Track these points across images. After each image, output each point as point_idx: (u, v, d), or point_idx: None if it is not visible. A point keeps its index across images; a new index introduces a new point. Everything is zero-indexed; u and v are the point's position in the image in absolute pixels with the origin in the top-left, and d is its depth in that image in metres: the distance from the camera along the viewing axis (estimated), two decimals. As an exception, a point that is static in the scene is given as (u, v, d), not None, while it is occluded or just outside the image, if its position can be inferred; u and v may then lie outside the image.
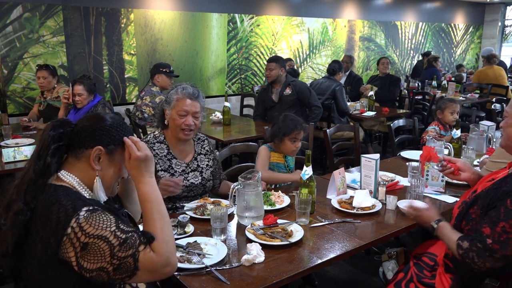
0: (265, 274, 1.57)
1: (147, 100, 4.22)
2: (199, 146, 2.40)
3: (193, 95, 2.22)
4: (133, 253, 1.16)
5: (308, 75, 7.45)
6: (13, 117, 4.69)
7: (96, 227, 1.15)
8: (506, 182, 1.55)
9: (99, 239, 1.14)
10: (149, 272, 1.18)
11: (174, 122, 2.20)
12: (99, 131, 1.31)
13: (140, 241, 1.18)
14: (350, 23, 7.91)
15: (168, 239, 1.23)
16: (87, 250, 1.14)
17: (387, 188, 2.35)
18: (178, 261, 1.62)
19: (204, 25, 6.05)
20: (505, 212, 1.47)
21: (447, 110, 3.47)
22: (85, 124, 1.33)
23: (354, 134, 3.71)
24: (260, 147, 2.67)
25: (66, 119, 1.36)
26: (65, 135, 1.30)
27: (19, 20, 4.65)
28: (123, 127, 1.37)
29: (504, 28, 10.53)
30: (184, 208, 2.16)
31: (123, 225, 1.20)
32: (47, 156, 1.25)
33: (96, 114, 1.40)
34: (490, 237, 1.48)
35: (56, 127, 1.30)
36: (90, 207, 1.19)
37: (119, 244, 1.15)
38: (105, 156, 1.32)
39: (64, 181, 1.29)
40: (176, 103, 2.20)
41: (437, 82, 7.11)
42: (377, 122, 5.49)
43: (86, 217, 1.16)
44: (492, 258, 1.47)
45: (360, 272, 2.99)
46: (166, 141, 2.28)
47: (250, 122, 4.64)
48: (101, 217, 1.18)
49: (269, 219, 1.91)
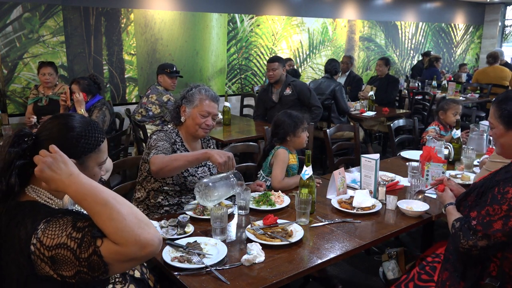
0: (265, 274, 1.57)
1: (154, 98, 4.25)
2: (206, 145, 2.51)
3: (215, 98, 2.36)
4: (94, 250, 1.06)
5: (308, 75, 7.45)
6: (13, 117, 4.69)
7: (53, 237, 1.07)
8: (499, 173, 1.66)
9: (59, 248, 1.06)
10: (124, 262, 1.08)
11: (194, 121, 2.29)
12: (67, 144, 1.20)
13: (95, 235, 1.06)
14: (350, 23, 7.91)
15: (122, 224, 1.06)
16: (57, 262, 1.07)
17: (387, 188, 2.35)
18: (178, 261, 1.63)
19: (204, 25, 6.05)
20: (491, 198, 1.59)
21: (450, 111, 3.46)
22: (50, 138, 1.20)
23: (354, 134, 3.71)
24: (278, 150, 2.55)
25: (26, 131, 1.21)
26: (29, 150, 1.19)
27: (19, 20, 4.65)
28: (94, 130, 1.26)
29: (504, 28, 10.52)
30: (184, 208, 2.17)
31: (81, 222, 1.09)
32: (11, 176, 1.14)
33: (60, 122, 1.25)
34: (475, 219, 1.60)
35: (16, 142, 1.18)
36: (48, 217, 1.11)
37: (78, 246, 1.06)
38: (78, 167, 1.18)
39: (31, 197, 1.20)
40: (199, 103, 2.30)
41: (437, 82, 7.11)
42: (377, 122, 5.49)
43: (43, 230, 1.09)
44: (474, 237, 1.58)
45: (360, 272, 2.99)
46: (180, 136, 2.37)
47: (250, 122, 4.64)
48: (56, 224, 1.09)
49: (269, 219, 1.91)
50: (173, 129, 2.36)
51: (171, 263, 1.62)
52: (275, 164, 2.52)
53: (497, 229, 1.53)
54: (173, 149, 2.27)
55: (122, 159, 2.75)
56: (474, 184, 1.78)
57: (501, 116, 1.67)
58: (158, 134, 2.28)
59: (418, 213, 2.08)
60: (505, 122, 1.66)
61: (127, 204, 1.12)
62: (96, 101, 3.80)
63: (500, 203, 1.54)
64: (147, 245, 1.06)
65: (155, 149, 2.16)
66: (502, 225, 1.53)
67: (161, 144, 2.19)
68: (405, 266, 2.10)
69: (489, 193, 1.61)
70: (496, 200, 1.56)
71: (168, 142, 2.25)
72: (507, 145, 1.70)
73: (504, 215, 1.53)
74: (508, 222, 1.52)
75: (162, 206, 2.30)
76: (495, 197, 1.56)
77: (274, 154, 2.57)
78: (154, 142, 2.22)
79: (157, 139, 2.24)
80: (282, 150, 2.55)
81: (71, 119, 1.26)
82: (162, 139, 2.24)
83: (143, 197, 2.34)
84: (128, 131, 3.58)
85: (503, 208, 1.53)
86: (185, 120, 2.33)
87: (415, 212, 2.08)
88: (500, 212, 1.54)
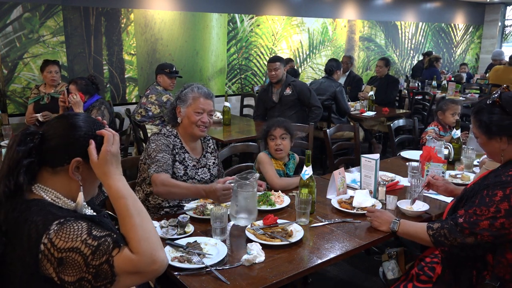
0: (265, 274, 1.57)
1: (153, 98, 4.25)
2: (206, 144, 2.49)
3: (208, 94, 2.34)
4: (107, 259, 1.09)
5: (308, 75, 7.45)
6: (13, 117, 4.69)
7: (67, 240, 1.09)
8: (488, 177, 1.68)
9: (71, 252, 1.08)
10: (133, 274, 1.11)
11: (189, 119, 2.29)
12: (74, 144, 1.21)
13: (114, 245, 1.10)
14: (350, 23, 7.91)
15: (148, 235, 1.14)
16: (63, 265, 1.08)
17: (387, 188, 2.35)
18: (178, 261, 1.63)
19: (204, 25, 6.05)
20: (480, 199, 1.61)
21: (449, 112, 3.46)
22: (57, 137, 1.21)
23: (354, 134, 3.71)
24: (260, 154, 2.60)
25: (32, 130, 1.22)
26: (35, 149, 1.19)
27: (19, 20, 4.65)
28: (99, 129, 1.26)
29: (504, 28, 10.52)
30: (184, 208, 2.17)
31: (96, 230, 1.12)
32: (19, 175, 1.15)
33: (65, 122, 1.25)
34: (462, 217, 1.63)
35: (23, 141, 1.18)
36: (61, 219, 1.12)
37: (92, 252, 1.09)
38: (84, 165, 1.22)
39: (38, 195, 1.20)
40: (192, 101, 2.30)
41: (437, 82, 7.11)
42: (377, 122, 5.49)
43: (56, 231, 1.09)
44: (462, 234, 1.61)
45: (360, 272, 2.99)
46: (179, 136, 2.36)
47: (250, 122, 4.64)
48: (71, 228, 1.11)
49: (269, 219, 1.91)
50: (172, 131, 2.35)
51: (171, 263, 1.61)
52: (262, 168, 2.53)
53: (483, 228, 1.56)
54: (173, 154, 2.26)
55: (122, 159, 2.75)
56: (464, 190, 1.80)
57: (480, 126, 1.69)
58: (157, 141, 2.25)
59: (418, 213, 2.08)
60: (485, 132, 1.69)
61: (152, 222, 1.21)
62: (94, 101, 3.80)
63: (488, 205, 1.57)
64: (158, 262, 1.12)
65: (156, 164, 2.15)
66: (489, 225, 1.55)
67: (161, 157, 2.18)
68: (405, 266, 2.10)
69: (478, 195, 1.64)
70: (484, 202, 1.58)
71: (168, 151, 2.23)
72: (492, 152, 1.72)
73: (491, 216, 1.55)
74: (494, 222, 1.55)
75: (162, 207, 2.30)
76: (483, 199, 1.59)
77: (257, 160, 2.60)
78: (154, 152, 2.20)
79: (156, 149, 2.21)
80: (263, 154, 2.59)
81: (76, 118, 1.26)
82: (162, 149, 2.21)
83: (142, 198, 2.33)
84: (128, 131, 3.57)
85: (490, 210, 1.56)
86: (182, 120, 2.33)
87: (415, 212, 2.08)
88: (487, 214, 1.56)
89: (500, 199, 1.55)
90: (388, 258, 2.13)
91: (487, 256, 1.63)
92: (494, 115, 1.64)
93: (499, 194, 1.56)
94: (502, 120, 1.63)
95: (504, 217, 1.53)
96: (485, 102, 1.69)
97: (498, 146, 1.66)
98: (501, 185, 1.57)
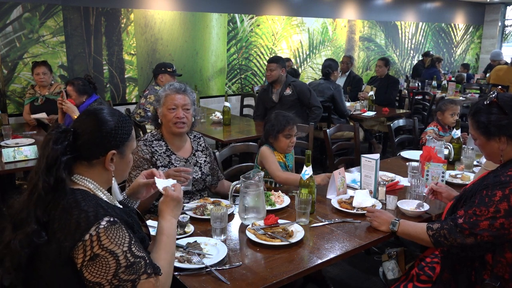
0: (265, 274, 1.57)
1: (152, 98, 4.25)
2: (196, 143, 2.47)
3: (180, 89, 2.31)
4: (134, 279, 1.17)
5: (308, 75, 7.46)
6: (13, 117, 4.69)
7: (112, 241, 1.16)
8: (488, 177, 1.69)
9: (110, 254, 1.15)
10: None
11: (166, 118, 2.27)
12: (107, 138, 1.30)
13: (144, 270, 1.20)
14: (350, 23, 7.91)
15: (171, 272, 1.34)
16: (94, 262, 1.14)
17: (387, 188, 2.35)
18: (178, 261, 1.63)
19: (204, 25, 6.05)
20: (479, 199, 1.62)
21: (448, 112, 3.46)
22: (89, 132, 1.29)
23: (354, 134, 3.71)
24: (262, 148, 2.61)
25: (64, 127, 1.30)
26: (70, 147, 1.27)
27: (19, 20, 4.65)
28: (124, 120, 1.37)
29: (504, 28, 10.53)
30: (184, 208, 2.16)
31: (136, 247, 1.21)
32: (58, 171, 1.22)
33: (94, 118, 1.33)
34: (462, 218, 1.63)
35: (58, 139, 1.26)
36: (111, 219, 1.19)
37: (126, 266, 1.16)
38: (118, 156, 1.34)
39: (80, 185, 1.29)
40: (165, 99, 2.29)
41: (437, 82, 7.11)
42: (377, 122, 5.49)
43: (105, 228, 1.16)
44: (461, 234, 1.61)
45: (360, 272, 2.99)
46: (164, 138, 2.34)
47: (250, 122, 4.64)
48: (118, 232, 1.19)
49: (270, 219, 1.91)
50: (157, 134, 2.34)
51: (171, 263, 1.61)
52: (265, 162, 2.55)
53: (483, 229, 1.56)
54: (152, 162, 2.23)
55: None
56: (464, 190, 1.80)
57: (478, 127, 1.69)
58: (136, 153, 2.20)
59: (418, 213, 2.08)
60: (483, 133, 1.69)
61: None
62: (93, 101, 3.79)
63: (488, 205, 1.57)
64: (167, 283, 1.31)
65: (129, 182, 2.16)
66: (489, 225, 1.56)
67: (133, 175, 2.16)
68: (405, 266, 2.10)
69: (477, 195, 1.64)
70: (484, 203, 1.59)
71: (145, 165, 2.19)
72: (491, 153, 1.72)
73: (491, 217, 1.55)
74: (494, 223, 1.55)
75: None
76: (483, 200, 1.59)
77: (259, 154, 2.60)
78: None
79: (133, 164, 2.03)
80: (265, 147, 2.59)
81: (103, 113, 1.34)
82: (137, 165, 2.18)
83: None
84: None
85: (490, 210, 1.56)
86: (161, 121, 2.31)
87: (415, 212, 2.08)
88: (487, 214, 1.57)
89: (499, 199, 1.55)
90: (388, 258, 2.13)
91: (486, 256, 1.63)
92: (492, 115, 1.64)
93: (499, 194, 1.56)
94: (500, 120, 1.63)
95: (503, 217, 1.54)
96: (482, 103, 1.69)
97: (497, 147, 1.66)
98: (501, 185, 1.57)
